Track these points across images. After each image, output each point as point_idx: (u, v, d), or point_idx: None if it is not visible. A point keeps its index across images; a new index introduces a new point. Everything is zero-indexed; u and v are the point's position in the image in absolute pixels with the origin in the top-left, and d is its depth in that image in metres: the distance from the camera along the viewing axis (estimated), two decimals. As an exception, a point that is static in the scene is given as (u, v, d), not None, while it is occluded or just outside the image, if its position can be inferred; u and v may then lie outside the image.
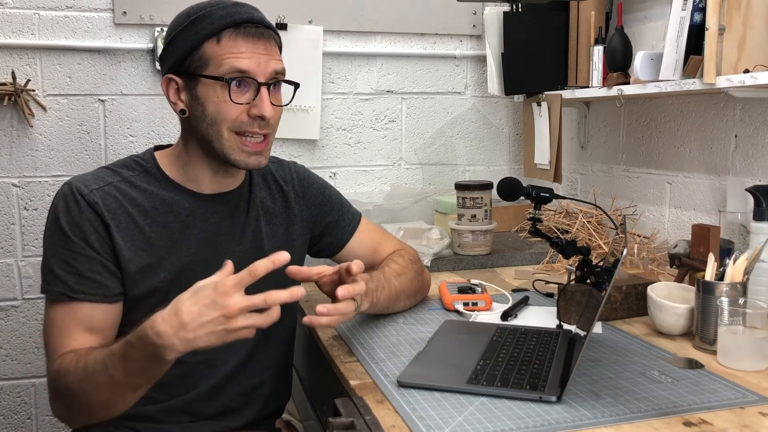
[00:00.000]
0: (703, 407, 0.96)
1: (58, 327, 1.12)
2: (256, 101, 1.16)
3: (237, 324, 0.94)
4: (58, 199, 1.17)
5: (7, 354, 2.08)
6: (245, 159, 1.19)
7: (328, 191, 1.44)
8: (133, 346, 0.98)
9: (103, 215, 1.15)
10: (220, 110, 1.15)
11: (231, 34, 1.14)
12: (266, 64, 1.16)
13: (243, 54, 1.14)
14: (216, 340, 0.95)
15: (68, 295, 1.12)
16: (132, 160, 1.25)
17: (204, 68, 1.15)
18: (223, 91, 1.14)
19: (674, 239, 1.73)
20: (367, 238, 1.45)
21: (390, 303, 1.33)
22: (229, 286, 0.94)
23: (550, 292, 1.56)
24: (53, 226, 1.15)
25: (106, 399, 1.05)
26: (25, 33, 2.00)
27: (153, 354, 0.96)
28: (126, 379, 1.01)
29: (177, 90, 1.19)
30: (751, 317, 1.13)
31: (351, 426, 0.92)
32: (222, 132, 1.17)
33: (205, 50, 1.14)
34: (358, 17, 2.26)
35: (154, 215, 1.20)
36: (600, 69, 1.88)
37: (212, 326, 0.94)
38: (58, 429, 2.13)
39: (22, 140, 2.02)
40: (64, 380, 1.06)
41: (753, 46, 1.43)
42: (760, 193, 1.35)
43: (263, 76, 1.16)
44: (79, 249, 1.13)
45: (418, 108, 2.39)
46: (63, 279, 1.12)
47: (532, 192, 1.44)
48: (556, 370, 1.06)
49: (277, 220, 1.33)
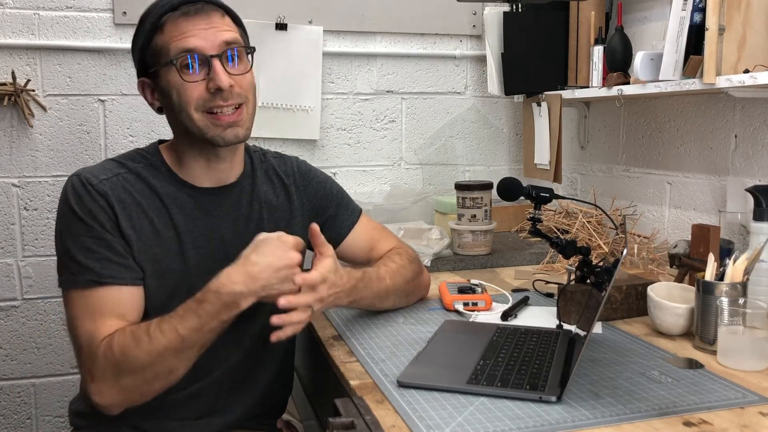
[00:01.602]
0: (703, 407, 0.96)
1: (90, 314, 1.11)
2: (211, 75, 1.17)
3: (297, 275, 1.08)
4: (67, 189, 1.17)
5: (7, 354, 2.08)
6: (221, 133, 1.19)
7: (329, 185, 1.44)
8: (207, 301, 1.07)
9: (113, 204, 1.16)
10: (180, 94, 1.17)
11: (170, 20, 1.16)
12: (214, 37, 1.17)
13: (186, 33, 1.16)
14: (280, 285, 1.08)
15: (96, 281, 1.12)
16: (137, 153, 1.26)
17: (158, 60, 1.18)
18: (176, 74, 1.16)
19: (674, 239, 1.73)
20: (365, 234, 1.46)
21: (376, 300, 1.33)
22: (291, 241, 1.11)
23: (550, 292, 1.56)
24: (68, 215, 1.15)
25: (172, 364, 1.08)
26: (25, 33, 2.00)
27: (229, 303, 1.06)
28: (197, 337, 1.07)
29: (152, 91, 1.23)
30: (751, 317, 1.13)
31: (351, 426, 0.92)
32: (191, 114, 1.18)
33: (155, 43, 1.18)
34: (358, 17, 2.26)
35: (161, 207, 1.21)
36: (600, 69, 1.88)
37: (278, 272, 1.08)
38: (58, 429, 2.14)
39: (22, 140, 2.02)
40: (126, 356, 1.06)
41: (753, 46, 1.43)
42: (760, 193, 1.35)
43: (212, 49, 1.17)
44: (99, 234, 1.14)
45: (418, 108, 2.39)
46: (89, 266, 1.12)
47: (532, 192, 1.44)
48: (556, 370, 1.06)
49: (280, 213, 1.34)
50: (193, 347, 1.09)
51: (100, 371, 1.09)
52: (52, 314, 2.09)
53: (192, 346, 1.08)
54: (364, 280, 1.28)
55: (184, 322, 1.07)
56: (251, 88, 1.24)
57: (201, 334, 1.08)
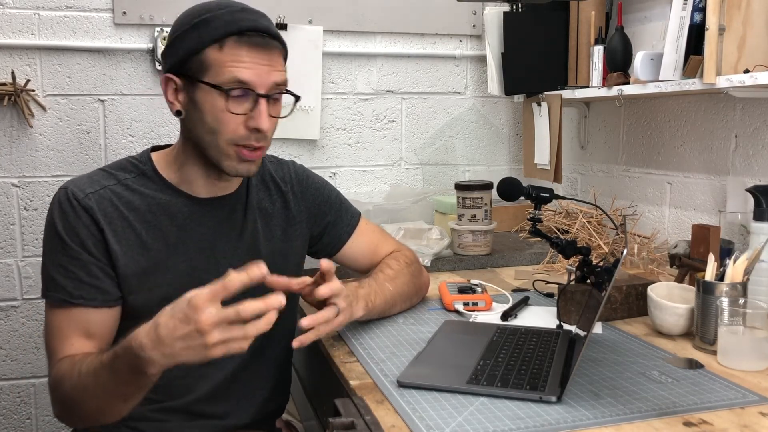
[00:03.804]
0: (703, 407, 0.96)
1: (57, 331, 1.13)
2: (254, 113, 1.13)
3: (213, 338, 0.91)
4: (53, 204, 1.16)
5: (7, 354, 2.08)
6: (236, 165, 1.17)
7: (327, 191, 1.43)
8: (119, 357, 0.98)
9: (98, 220, 1.14)
10: (219, 120, 1.13)
11: (234, 42, 1.11)
12: (267, 76, 1.13)
13: (245, 64, 1.11)
14: (195, 356, 0.92)
15: (67, 300, 1.12)
16: (128, 162, 1.23)
17: (204, 73, 1.12)
18: (222, 100, 1.12)
19: (674, 239, 1.73)
20: (366, 239, 1.45)
21: (387, 307, 1.33)
22: (203, 299, 0.91)
23: (550, 293, 1.56)
24: (50, 231, 1.15)
25: (99, 406, 1.05)
26: (25, 33, 2.00)
27: (136, 366, 0.95)
28: (115, 389, 1.01)
29: (175, 90, 1.17)
30: (751, 317, 1.13)
31: (351, 426, 0.92)
32: (219, 143, 1.15)
33: (207, 55, 1.12)
34: (358, 17, 2.26)
35: (150, 219, 1.18)
36: (600, 69, 1.88)
37: (188, 341, 0.92)
38: (58, 429, 2.13)
39: (22, 140, 2.02)
40: (61, 385, 1.07)
41: (753, 46, 1.43)
42: (760, 193, 1.35)
43: (263, 88, 1.13)
44: (76, 254, 1.13)
45: (418, 108, 2.39)
46: (62, 284, 1.12)
47: (532, 192, 1.44)
48: (556, 371, 1.06)
49: (275, 221, 1.32)
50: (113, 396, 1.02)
51: (51, 391, 1.11)
52: (52, 314, 2.09)
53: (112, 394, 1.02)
54: (373, 287, 1.29)
55: (102, 369, 1.01)
56: (275, 130, 1.21)
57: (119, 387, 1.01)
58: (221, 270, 1.22)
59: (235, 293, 0.93)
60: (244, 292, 1.22)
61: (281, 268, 1.32)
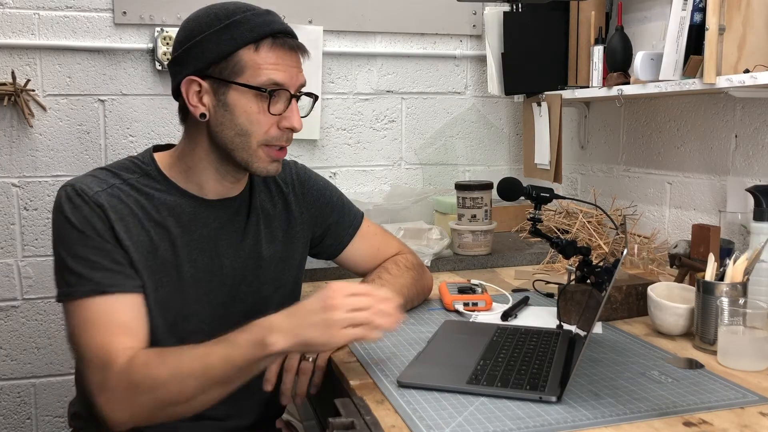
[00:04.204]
0: (703, 407, 0.96)
1: (96, 325, 1.07)
2: (287, 113, 1.16)
3: (338, 315, 0.99)
4: (61, 201, 1.13)
5: (7, 354, 2.08)
6: (266, 166, 1.18)
7: (329, 192, 1.42)
8: (244, 332, 1.01)
9: (110, 216, 1.12)
10: (252, 121, 1.14)
11: (270, 44, 1.13)
12: (297, 77, 1.17)
13: (280, 66, 1.14)
14: (321, 335, 0.99)
15: (100, 291, 1.08)
16: (131, 162, 1.21)
17: (238, 75, 1.12)
18: (258, 101, 1.13)
19: (674, 239, 1.73)
20: (368, 240, 1.44)
21: None
22: (339, 285, 1.03)
23: (550, 293, 1.56)
24: (64, 226, 1.12)
25: (191, 391, 1.02)
26: (25, 33, 2.00)
27: (260, 339, 0.99)
28: (224, 368, 1.01)
29: (199, 93, 1.15)
30: (751, 317, 1.13)
31: (351, 426, 0.92)
32: (251, 143, 1.15)
33: (242, 57, 1.12)
34: (358, 17, 2.26)
35: (158, 218, 1.17)
36: (600, 69, 1.88)
37: (316, 316, 0.99)
38: (58, 429, 2.14)
39: (22, 140, 2.02)
40: (145, 373, 1.02)
41: (753, 46, 1.43)
42: (760, 193, 1.35)
43: (293, 89, 1.17)
44: (99, 244, 1.10)
45: (418, 108, 2.39)
46: (89, 277, 1.08)
47: (532, 192, 1.43)
48: (556, 371, 1.06)
49: (277, 223, 1.32)
50: (216, 381, 1.02)
51: (113, 385, 1.04)
52: (52, 314, 2.09)
53: (214, 378, 1.02)
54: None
55: (215, 347, 1.03)
56: None
57: (226, 367, 1.01)
58: (224, 271, 1.23)
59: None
60: (239, 282, 1.22)
61: (282, 270, 1.32)
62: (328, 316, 0.98)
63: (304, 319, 1.00)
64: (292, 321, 1.00)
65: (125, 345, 1.06)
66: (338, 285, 1.03)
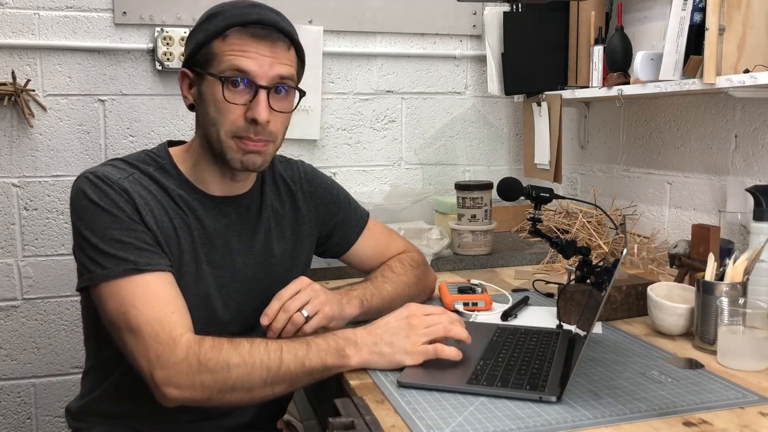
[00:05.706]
0: (703, 407, 0.96)
1: (145, 300, 1.05)
2: (253, 104, 1.13)
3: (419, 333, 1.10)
4: (84, 185, 1.12)
5: (7, 354, 2.08)
6: (241, 157, 1.16)
7: (335, 191, 1.43)
8: (327, 337, 1.08)
9: (135, 200, 1.12)
10: (219, 110, 1.14)
11: (237, 33, 1.13)
12: (269, 67, 1.13)
13: (246, 53, 1.12)
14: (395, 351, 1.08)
15: (136, 269, 1.07)
16: (146, 155, 1.22)
17: (208, 65, 1.15)
18: (221, 89, 1.13)
19: (674, 239, 1.73)
20: (374, 239, 1.45)
21: (385, 308, 1.32)
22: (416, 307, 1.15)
23: (550, 292, 1.56)
24: (90, 209, 1.10)
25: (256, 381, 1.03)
26: (25, 33, 2.00)
27: (339, 349, 1.06)
28: (293, 370, 1.04)
29: (189, 84, 1.20)
30: (751, 317, 1.13)
31: (351, 426, 0.92)
32: (220, 134, 1.15)
33: (213, 47, 1.14)
34: (358, 17, 2.26)
35: (177, 209, 1.18)
36: (600, 69, 1.88)
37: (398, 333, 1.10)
38: (58, 429, 2.14)
39: (22, 140, 2.02)
40: (216, 354, 1.02)
41: (753, 46, 1.43)
42: (760, 193, 1.35)
43: (264, 79, 1.13)
44: (129, 225, 1.10)
45: (418, 108, 2.39)
46: (123, 257, 1.07)
47: (532, 192, 1.44)
48: (556, 370, 1.06)
49: (286, 221, 1.33)
50: (283, 378, 1.04)
51: (179, 359, 1.02)
52: (52, 314, 2.09)
53: (284, 375, 1.04)
54: (369, 289, 1.29)
55: (291, 346, 1.05)
56: (283, 128, 1.21)
57: (298, 367, 1.04)
58: (236, 267, 1.23)
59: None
60: (250, 279, 1.21)
61: (291, 267, 1.33)
62: (410, 333, 1.09)
63: (383, 337, 1.09)
64: (373, 338, 1.09)
65: (181, 321, 1.06)
66: (416, 306, 1.14)
